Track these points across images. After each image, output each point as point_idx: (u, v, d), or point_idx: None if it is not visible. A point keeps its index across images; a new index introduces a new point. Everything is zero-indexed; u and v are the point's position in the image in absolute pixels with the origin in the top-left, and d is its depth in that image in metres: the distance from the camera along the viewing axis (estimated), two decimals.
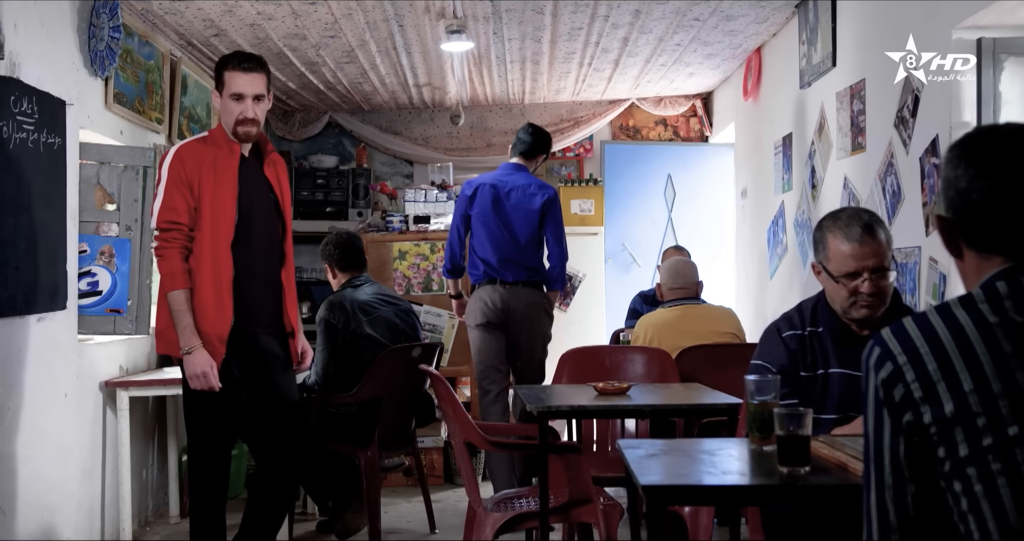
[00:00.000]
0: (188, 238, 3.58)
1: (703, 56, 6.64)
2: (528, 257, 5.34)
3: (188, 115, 5.96)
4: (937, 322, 1.44)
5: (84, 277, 4.56)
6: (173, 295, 3.54)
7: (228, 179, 3.60)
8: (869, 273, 2.56)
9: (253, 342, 3.65)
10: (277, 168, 3.82)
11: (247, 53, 3.78)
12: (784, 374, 2.62)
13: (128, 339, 5.00)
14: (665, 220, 8.33)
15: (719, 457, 2.23)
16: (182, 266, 3.55)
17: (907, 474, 1.43)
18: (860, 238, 2.56)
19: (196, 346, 3.51)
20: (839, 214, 2.65)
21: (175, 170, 3.60)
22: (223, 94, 3.65)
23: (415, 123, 8.37)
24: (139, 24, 5.19)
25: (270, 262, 3.72)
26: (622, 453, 2.25)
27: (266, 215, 3.71)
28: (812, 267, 2.71)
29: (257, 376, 3.67)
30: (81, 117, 4.52)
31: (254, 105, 3.61)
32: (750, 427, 2.29)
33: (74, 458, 4.47)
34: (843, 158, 4.95)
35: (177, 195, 3.57)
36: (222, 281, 3.55)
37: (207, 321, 3.54)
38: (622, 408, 3.35)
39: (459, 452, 3.55)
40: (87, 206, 4.57)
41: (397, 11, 5.29)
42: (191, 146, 3.70)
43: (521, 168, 5.48)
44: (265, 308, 3.69)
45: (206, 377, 3.50)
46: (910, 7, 4.09)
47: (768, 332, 2.76)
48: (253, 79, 3.62)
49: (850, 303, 2.59)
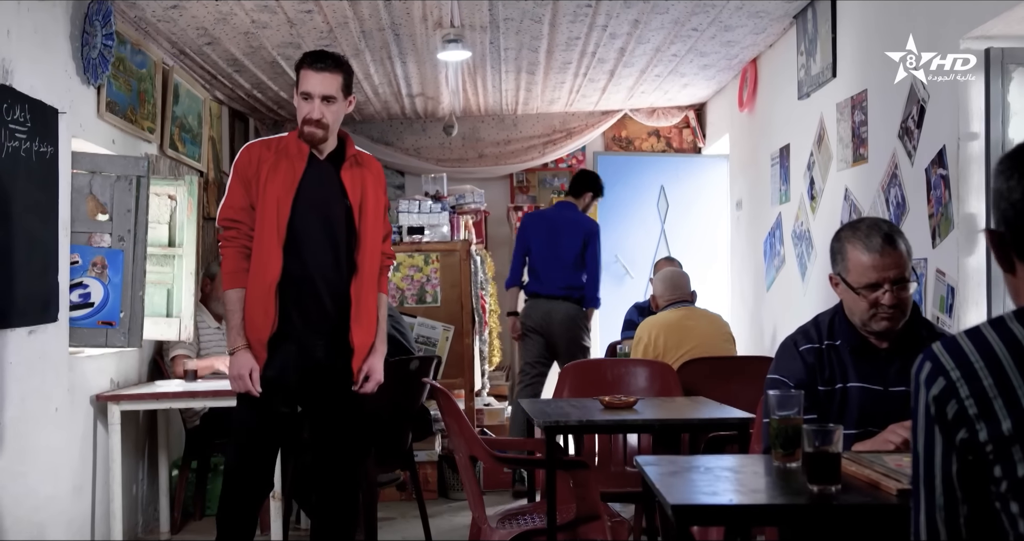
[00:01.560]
0: (248, 237, 3.49)
1: (699, 67, 6.61)
2: (570, 278, 6.39)
3: (180, 125, 5.88)
4: (992, 336, 1.38)
5: (76, 289, 4.47)
6: (226, 294, 3.50)
7: (288, 180, 3.46)
8: (890, 284, 2.50)
9: (302, 352, 3.48)
10: (364, 174, 3.59)
11: (325, 52, 3.56)
12: (802, 389, 2.56)
13: (119, 352, 4.91)
14: (658, 231, 8.28)
15: (743, 474, 2.16)
16: (238, 265, 3.48)
17: (960, 494, 1.38)
18: (880, 248, 2.51)
19: (240, 347, 3.44)
20: (858, 224, 2.60)
21: (238, 167, 3.53)
22: (296, 93, 3.53)
23: (407, 133, 8.32)
24: (131, 32, 5.11)
25: (331, 271, 3.50)
26: (641, 470, 2.19)
27: (331, 221, 3.50)
28: (830, 279, 2.66)
29: (304, 389, 3.51)
30: (73, 126, 4.44)
31: (322, 106, 3.45)
32: (773, 443, 2.23)
33: (64, 474, 4.38)
34: (844, 169, 4.92)
35: (238, 192, 3.50)
36: (268, 284, 3.42)
37: (251, 323, 3.44)
38: (631, 423, 3.29)
39: (463, 467, 3.48)
40: (79, 216, 4.49)
41: (394, 20, 5.23)
42: (259, 144, 3.61)
43: (570, 205, 6.60)
44: (321, 319, 3.49)
45: (243, 380, 3.41)
46: (916, 17, 4.06)
47: (785, 346, 2.70)
48: (324, 79, 3.46)
49: (870, 315, 2.54)
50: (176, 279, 5.29)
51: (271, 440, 3.57)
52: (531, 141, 8.29)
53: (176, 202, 5.33)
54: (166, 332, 5.21)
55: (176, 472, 5.50)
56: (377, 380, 3.59)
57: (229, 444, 3.65)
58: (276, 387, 3.48)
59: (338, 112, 3.53)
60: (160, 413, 5.36)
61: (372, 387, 3.59)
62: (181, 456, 5.56)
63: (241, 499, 3.52)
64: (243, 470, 3.52)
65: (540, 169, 8.49)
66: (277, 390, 3.49)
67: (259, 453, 3.54)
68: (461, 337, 6.40)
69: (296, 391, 3.53)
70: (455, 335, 6.43)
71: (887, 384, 2.55)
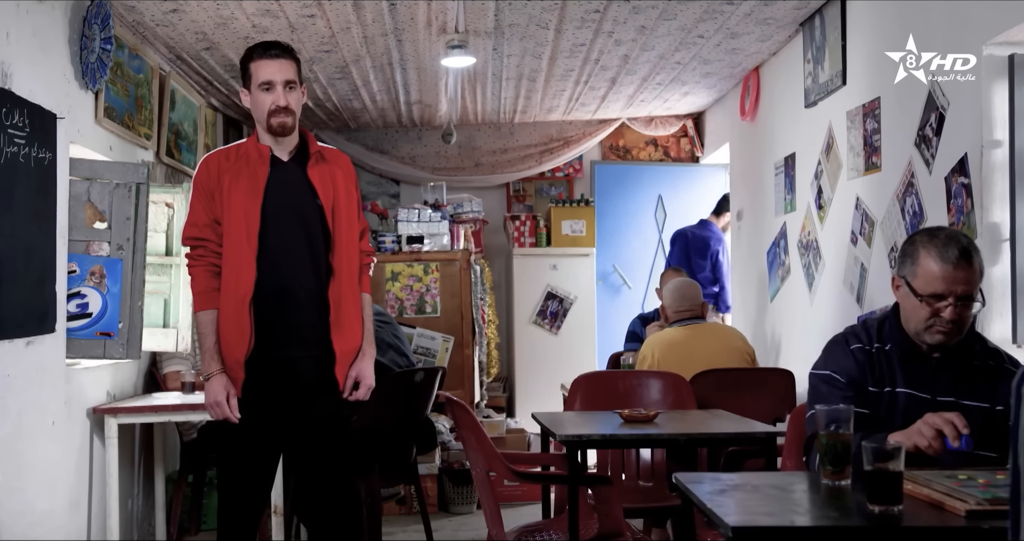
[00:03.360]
0: (215, 254, 3.31)
1: (701, 75, 6.54)
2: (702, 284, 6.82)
3: (176, 131, 5.77)
4: None
5: (73, 298, 4.35)
6: (197, 316, 3.32)
7: (252, 187, 3.29)
8: (955, 299, 2.44)
9: (285, 369, 3.28)
10: (333, 169, 3.40)
11: (270, 41, 3.42)
12: (854, 386, 2.52)
13: (115, 363, 4.78)
14: (656, 241, 8.21)
15: (795, 493, 2.08)
16: (207, 285, 3.30)
17: None
18: (956, 261, 2.44)
19: (214, 372, 3.25)
20: (936, 232, 2.54)
21: (198, 181, 3.36)
22: (251, 88, 3.33)
23: (402, 142, 8.22)
24: (129, 36, 5.00)
25: (310, 277, 3.30)
26: (685, 488, 2.10)
27: (303, 224, 3.31)
28: (892, 281, 2.59)
29: (290, 409, 3.30)
30: (71, 131, 4.33)
31: (286, 93, 3.29)
32: (822, 460, 2.14)
33: (61, 489, 4.25)
34: (855, 178, 4.85)
35: (199, 209, 3.33)
36: (241, 299, 3.23)
37: (225, 343, 3.26)
38: (655, 437, 3.20)
39: (480, 482, 3.37)
40: (77, 224, 4.37)
41: (397, 25, 5.14)
42: (217, 154, 3.42)
43: (708, 223, 7.45)
44: (304, 329, 3.29)
45: (220, 406, 3.23)
46: (935, 23, 3.99)
47: (835, 342, 2.63)
48: (281, 65, 3.30)
49: (927, 325, 2.47)
50: (173, 289, 5.17)
51: (262, 461, 3.37)
52: (528, 150, 8.20)
53: (173, 210, 5.21)
54: (163, 343, 5.09)
55: (171, 486, 5.37)
56: (368, 385, 3.38)
57: (220, 474, 3.46)
58: (258, 407, 3.30)
59: (299, 100, 3.37)
60: (156, 426, 5.23)
61: (364, 393, 3.38)
62: (177, 470, 5.44)
63: (237, 521, 3.36)
64: (240, 497, 3.34)
65: (537, 178, 8.40)
66: (259, 411, 3.30)
67: (251, 476, 3.34)
68: (461, 348, 6.31)
69: (280, 408, 3.32)
70: (455, 346, 6.33)
71: (935, 393, 2.49)
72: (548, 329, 7.76)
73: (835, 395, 2.53)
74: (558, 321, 7.78)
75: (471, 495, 5.99)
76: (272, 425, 3.31)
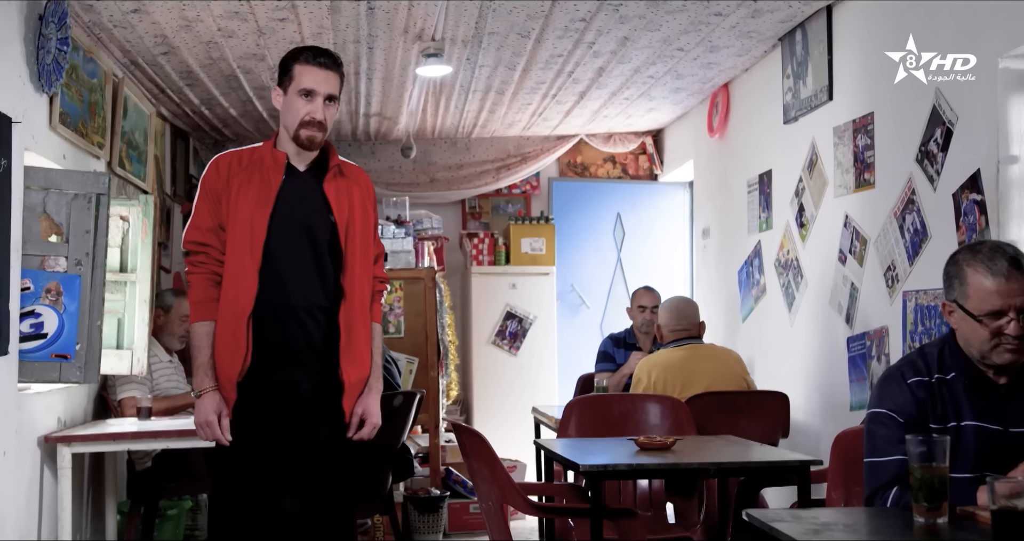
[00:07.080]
0: (217, 262, 3.06)
1: (671, 90, 6.42)
2: None
3: (128, 141, 5.43)
4: None
5: (27, 318, 4.00)
6: (193, 328, 3.05)
7: (262, 195, 3.04)
8: (1016, 312, 2.26)
9: (283, 393, 3.04)
10: (351, 186, 3.17)
11: (321, 47, 3.17)
12: (912, 426, 2.30)
13: (67, 388, 4.44)
14: (615, 260, 8.06)
15: (890, 532, 1.90)
16: (206, 294, 3.04)
17: None
18: (1007, 273, 2.27)
19: (206, 390, 2.99)
20: (978, 247, 2.36)
21: (205, 183, 3.10)
22: (289, 90, 3.08)
23: (355, 156, 7.94)
24: (84, 38, 4.68)
25: (318, 297, 3.07)
26: (769, 528, 1.90)
27: (314, 240, 3.08)
28: (942, 307, 2.41)
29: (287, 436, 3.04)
30: (26, 137, 3.99)
31: (325, 107, 3.06)
32: (915, 496, 1.97)
33: (10, 525, 3.89)
34: (843, 195, 4.74)
35: (204, 212, 3.07)
36: (240, 313, 2.98)
37: (220, 359, 3.00)
38: (685, 466, 2.99)
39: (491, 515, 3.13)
40: (31, 237, 4.02)
41: (371, 32, 4.90)
42: (228, 156, 3.17)
43: None
44: (306, 352, 3.05)
45: (210, 427, 2.97)
46: (945, 35, 3.88)
47: (890, 376, 2.43)
48: (328, 77, 3.06)
49: (991, 346, 2.29)
50: (128, 307, 4.85)
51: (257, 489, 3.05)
52: (484, 165, 8.00)
53: (129, 224, 4.89)
54: (117, 365, 4.76)
55: (123, 518, 5.02)
56: (374, 424, 3.13)
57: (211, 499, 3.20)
58: (249, 431, 3.03)
59: (334, 116, 3.15)
60: (107, 455, 4.88)
61: (369, 432, 3.13)
62: (126, 500, 5.09)
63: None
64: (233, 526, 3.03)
65: (493, 195, 8.19)
66: (250, 435, 3.03)
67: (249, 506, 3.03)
68: (426, 370, 6.04)
69: (274, 434, 3.05)
70: (419, 368, 6.07)
71: (1007, 424, 2.32)
72: (507, 350, 7.54)
73: (891, 440, 2.32)
74: (517, 342, 7.56)
75: (437, 524, 5.74)
76: (265, 452, 3.03)
